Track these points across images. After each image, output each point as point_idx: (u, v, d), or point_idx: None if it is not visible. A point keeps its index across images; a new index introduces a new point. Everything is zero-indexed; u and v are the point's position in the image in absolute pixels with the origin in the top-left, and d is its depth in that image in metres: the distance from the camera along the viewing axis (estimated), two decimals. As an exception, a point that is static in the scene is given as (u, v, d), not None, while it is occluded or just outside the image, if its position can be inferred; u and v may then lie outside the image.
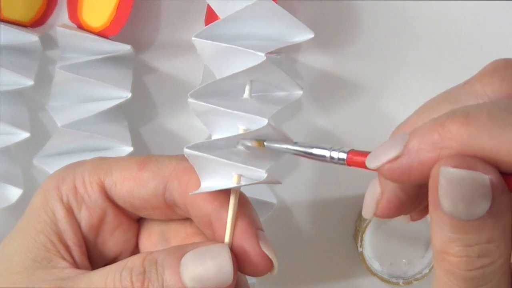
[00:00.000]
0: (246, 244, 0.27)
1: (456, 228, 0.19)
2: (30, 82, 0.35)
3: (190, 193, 0.27)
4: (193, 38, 0.27)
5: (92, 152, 0.37)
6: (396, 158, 0.20)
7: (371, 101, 0.40)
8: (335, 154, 0.23)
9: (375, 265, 0.41)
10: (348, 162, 0.22)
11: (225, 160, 0.26)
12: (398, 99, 0.40)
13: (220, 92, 0.28)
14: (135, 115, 0.40)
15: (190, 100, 0.27)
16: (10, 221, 0.40)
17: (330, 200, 0.42)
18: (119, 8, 0.34)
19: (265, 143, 0.26)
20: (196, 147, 0.27)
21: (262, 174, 0.26)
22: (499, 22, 0.38)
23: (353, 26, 0.38)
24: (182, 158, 0.28)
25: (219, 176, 0.27)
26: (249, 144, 0.27)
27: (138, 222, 0.31)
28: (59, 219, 0.28)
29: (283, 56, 0.37)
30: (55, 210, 0.28)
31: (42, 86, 0.37)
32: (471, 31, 0.38)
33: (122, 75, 0.36)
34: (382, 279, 0.40)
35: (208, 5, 0.35)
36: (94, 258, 0.29)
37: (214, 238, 0.28)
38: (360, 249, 0.40)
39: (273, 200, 0.39)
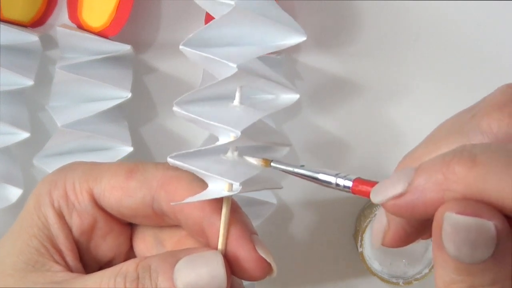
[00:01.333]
0: (243, 250, 0.27)
1: (459, 270, 0.19)
2: (30, 82, 0.35)
3: (171, 203, 0.27)
4: (180, 47, 0.27)
5: (92, 152, 0.37)
6: (401, 195, 0.20)
7: (371, 101, 0.40)
8: (341, 181, 0.23)
9: (375, 265, 0.41)
10: (353, 191, 0.23)
11: (203, 172, 0.26)
12: (398, 99, 0.40)
13: (211, 97, 0.28)
14: (135, 115, 0.40)
15: (175, 108, 0.27)
16: (10, 221, 0.40)
17: (330, 200, 0.42)
18: (119, 8, 0.34)
19: (271, 164, 0.26)
20: (179, 156, 0.27)
21: (236, 186, 0.26)
22: (499, 22, 0.38)
23: (353, 26, 0.38)
24: (169, 166, 0.28)
25: (210, 183, 0.27)
26: (254, 162, 0.27)
27: (130, 225, 0.31)
28: (51, 224, 0.28)
29: (283, 57, 0.37)
30: (47, 215, 0.28)
31: (42, 86, 0.37)
32: (471, 31, 0.38)
33: (122, 75, 0.36)
34: (382, 279, 0.40)
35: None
36: (88, 262, 0.30)
37: (207, 244, 0.28)
38: (360, 249, 0.40)
39: (273, 200, 0.39)
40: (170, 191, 0.28)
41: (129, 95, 0.36)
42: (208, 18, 0.36)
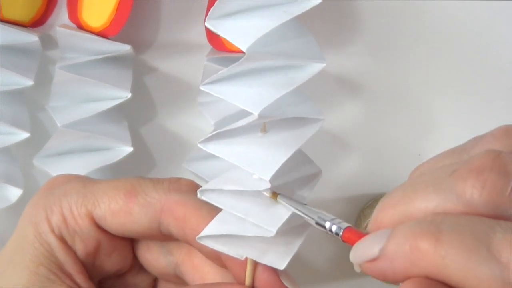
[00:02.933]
0: (269, 283, 0.27)
1: None
2: (30, 82, 0.35)
3: (196, 238, 0.27)
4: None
5: (92, 152, 0.37)
6: (373, 260, 0.20)
7: (371, 101, 0.40)
8: (334, 228, 0.23)
9: (375, 265, 0.41)
10: (343, 239, 0.23)
11: (239, 214, 0.26)
12: (398, 99, 0.40)
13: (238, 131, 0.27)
14: (135, 115, 0.40)
15: (200, 145, 0.27)
16: (10, 221, 0.40)
17: (330, 200, 0.42)
18: (119, 8, 0.34)
19: (278, 198, 0.26)
20: (210, 193, 0.27)
21: (272, 231, 0.26)
22: (500, 22, 0.38)
23: (353, 26, 0.38)
24: (169, 188, 0.28)
25: (233, 219, 0.27)
26: (265, 193, 0.27)
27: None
28: (56, 251, 0.28)
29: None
30: (50, 242, 0.28)
31: (42, 86, 0.37)
32: (472, 30, 0.38)
33: (122, 75, 0.36)
34: (382, 279, 0.40)
35: (208, 5, 0.35)
36: (94, 277, 0.29)
37: (224, 268, 0.28)
38: (360, 249, 0.40)
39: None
40: (179, 218, 0.28)
41: (129, 95, 0.36)
42: (208, 18, 0.36)
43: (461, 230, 0.18)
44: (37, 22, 0.37)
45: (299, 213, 0.25)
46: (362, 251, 0.20)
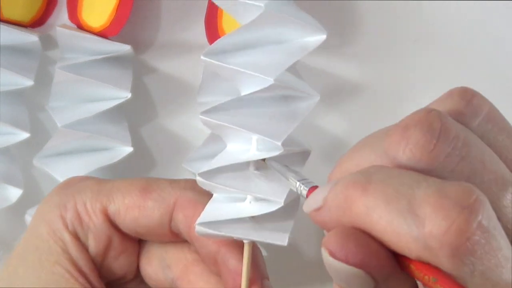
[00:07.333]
0: None
1: None
2: (30, 82, 0.35)
3: (196, 231, 0.27)
4: (202, 57, 0.27)
5: (92, 152, 0.37)
6: (318, 209, 0.20)
7: (371, 102, 0.40)
8: (300, 188, 0.24)
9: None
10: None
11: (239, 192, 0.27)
12: (399, 99, 0.40)
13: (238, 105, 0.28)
14: (135, 115, 0.40)
15: (201, 116, 0.27)
16: (10, 221, 0.40)
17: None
18: (119, 8, 0.34)
19: (266, 161, 0.27)
20: (207, 174, 0.27)
21: (280, 202, 0.26)
22: (500, 22, 0.38)
23: (353, 26, 0.38)
24: (185, 186, 0.28)
25: (225, 204, 0.27)
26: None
27: (139, 243, 0.31)
28: (70, 248, 0.28)
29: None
30: (64, 239, 0.28)
31: (42, 86, 0.37)
32: (472, 31, 0.38)
33: (122, 75, 0.36)
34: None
35: (208, 5, 0.35)
36: (101, 278, 0.29)
37: (218, 273, 0.28)
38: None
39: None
40: (188, 216, 0.28)
41: (129, 95, 0.36)
42: (209, 18, 0.36)
43: (388, 182, 0.18)
44: (37, 22, 0.37)
45: (281, 175, 0.25)
46: (311, 201, 0.20)
